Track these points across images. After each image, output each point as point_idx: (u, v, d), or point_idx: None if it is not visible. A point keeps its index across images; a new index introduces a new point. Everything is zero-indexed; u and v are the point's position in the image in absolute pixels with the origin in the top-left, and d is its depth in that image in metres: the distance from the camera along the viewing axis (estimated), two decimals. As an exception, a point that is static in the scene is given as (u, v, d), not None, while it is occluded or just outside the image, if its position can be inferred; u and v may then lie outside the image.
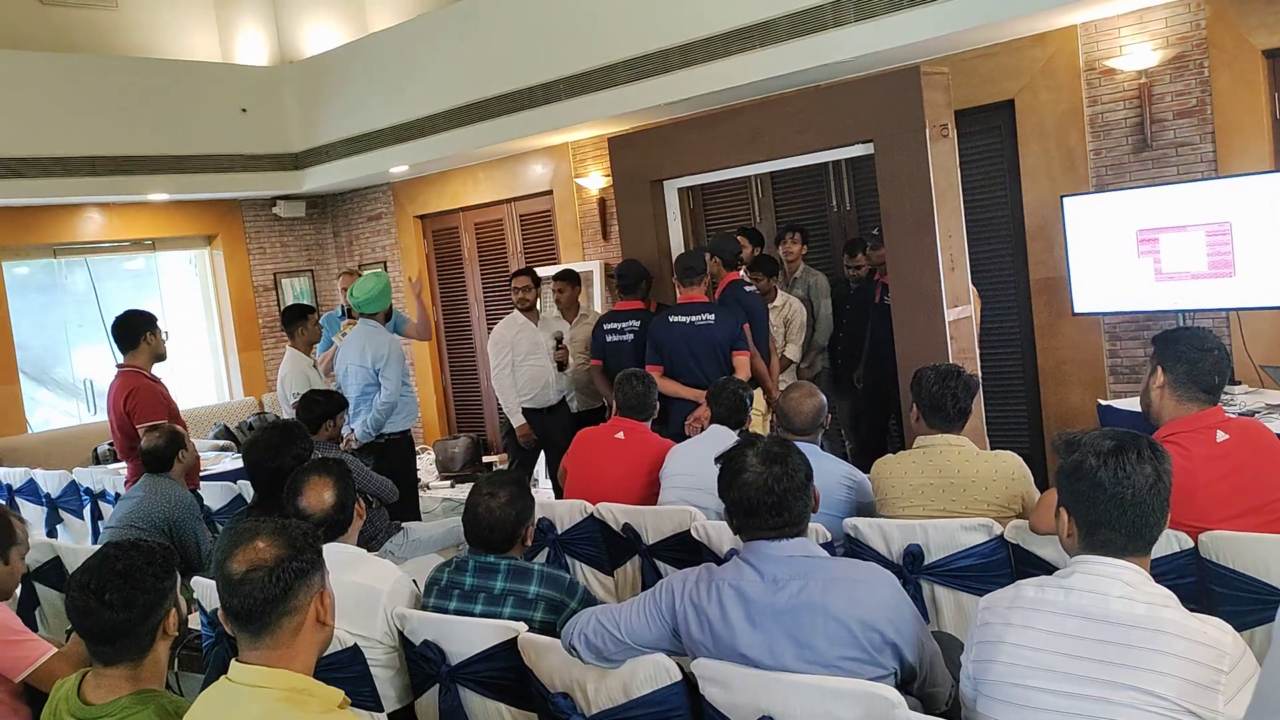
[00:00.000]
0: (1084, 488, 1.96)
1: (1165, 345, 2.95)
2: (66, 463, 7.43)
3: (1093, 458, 1.96)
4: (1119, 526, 1.93)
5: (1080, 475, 1.97)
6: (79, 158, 8.26)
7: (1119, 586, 1.89)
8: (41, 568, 4.28)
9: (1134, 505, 1.92)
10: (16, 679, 2.76)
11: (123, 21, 9.58)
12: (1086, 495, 1.95)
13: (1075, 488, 1.98)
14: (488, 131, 7.82)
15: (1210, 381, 2.88)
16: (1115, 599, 1.88)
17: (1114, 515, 1.93)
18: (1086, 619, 1.88)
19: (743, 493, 2.34)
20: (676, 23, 6.47)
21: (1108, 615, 1.86)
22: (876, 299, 6.16)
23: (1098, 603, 1.88)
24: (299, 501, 3.11)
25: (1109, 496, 1.93)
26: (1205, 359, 2.86)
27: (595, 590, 3.91)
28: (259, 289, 10.35)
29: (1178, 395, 2.89)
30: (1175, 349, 2.91)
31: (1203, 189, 5.05)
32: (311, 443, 4.02)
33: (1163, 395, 2.93)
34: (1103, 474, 1.93)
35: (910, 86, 4.96)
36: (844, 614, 2.19)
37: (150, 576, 2.13)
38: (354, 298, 5.84)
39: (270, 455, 3.74)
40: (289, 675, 1.89)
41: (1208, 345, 2.89)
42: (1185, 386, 2.88)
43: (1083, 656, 1.85)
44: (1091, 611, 1.88)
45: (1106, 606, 1.87)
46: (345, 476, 3.19)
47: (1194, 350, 2.87)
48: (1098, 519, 1.94)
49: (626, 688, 2.40)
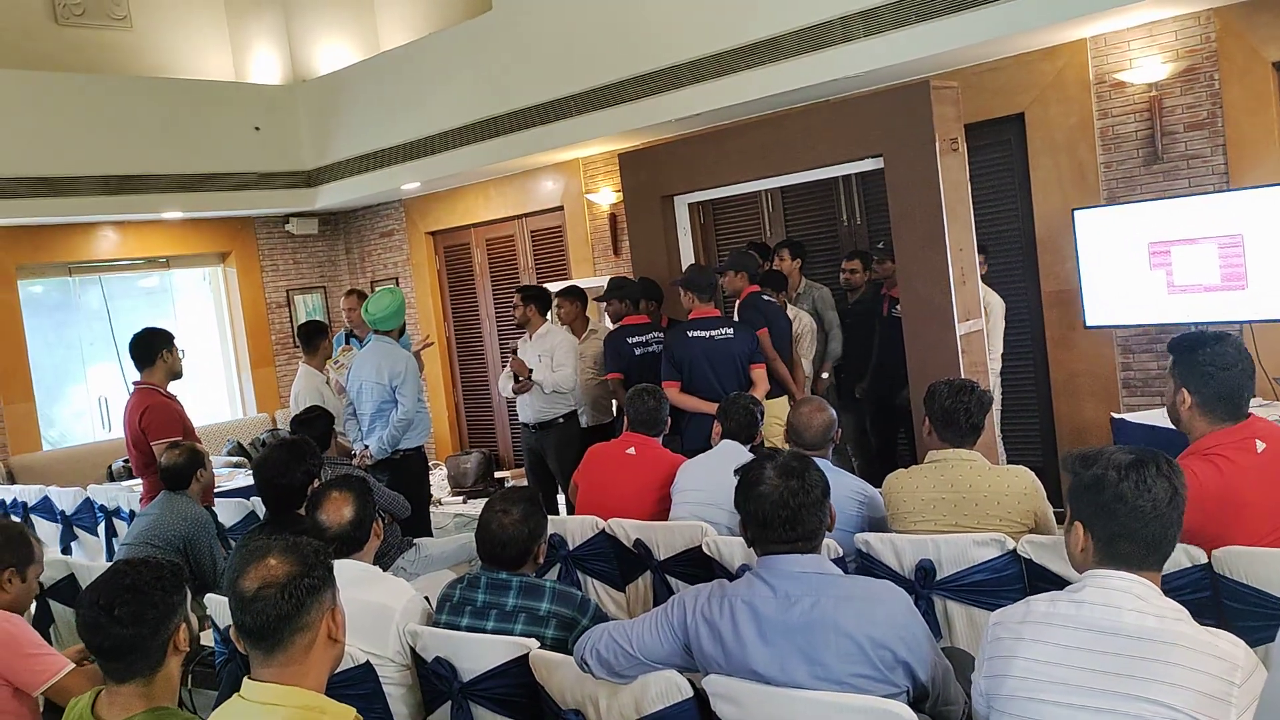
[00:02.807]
0: (1105, 500, 1.96)
1: (1186, 361, 2.86)
2: (81, 480, 7.47)
3: (1113, 472, 1.96)
4: (1139, 539, 1.94)
5: (1101, 489, 1.97)
6: (94, 177, 8.33)
7: (1131, 600, 1.89)
8: (56, 585, 4.29)
9: (1155, 518, 1.93)
10: (35, 693, 2.78)
11: (138, 41, 9.67)
12: (1107, 508, 1.95)
13: (1095, 500, 1.98)
14: (499, 148, 7.86)
15: (1239, 398, 2.80)
16: (1127, 612, 1.88)
17: (1135, 528, 1.93)
18: (1099, 632, 1.88)
19: (758, 505, 2.35)
20: (686, 39, 6.50)
21: (1120, 628, 1.86)
22: (884, 312, 6.16)
23: (1110, 616, 1.89)
24: (318, 515, 3.13)
25: (1130, 509, 1.93)
26: (1230, 377, 2.78)
27: (607, 606, 3.91)
28: (272, 306, 10.41)
29: (1209, 416, 2.82)
30: (1198, 369, 2.81)
31: (1214, 201, 5.03)
32: (321, 459, 4.04)
33: (1193, 416, 2.85)
34: (1124, 486, 1.94)
35: (920, 101, 4.96)
36: (856, 631, 2.19)
37: (159, 591, 2.15)
38: (369, 314, 5.83)
39: (281, 473, 3.77)
40: (301, 693, 1.89)
41: (1230, 360, 2.79)
42: (1214, 407, 2.80)
43: (1095, 669, 1.85)
44: (1104, 625, 1.88)
45: (1119, 619, 1.87)
46: (366, 494, 3.20)
47: (1218, 369, 2.78)
48: (1118, 532, 1.95)
49: (638, 704, 2.40)
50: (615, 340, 5.85)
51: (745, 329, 5.32)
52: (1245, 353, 2.85)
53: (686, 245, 6.31)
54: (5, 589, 3.04)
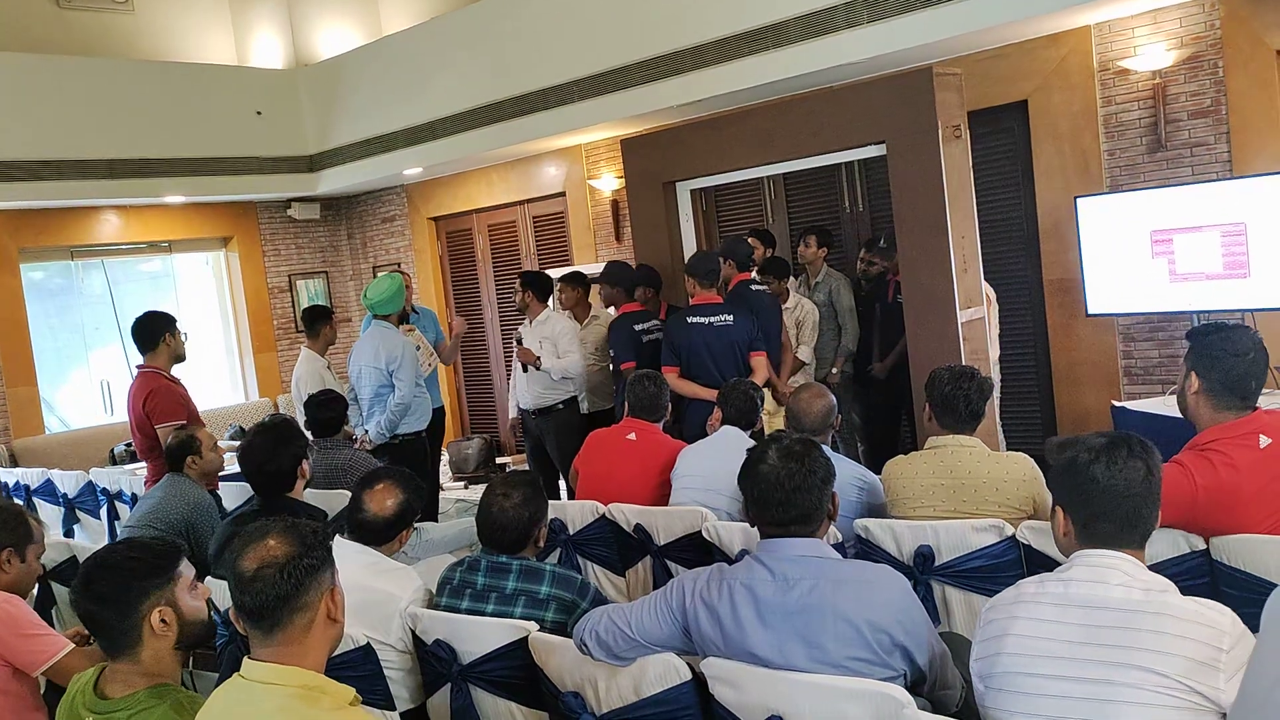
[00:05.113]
0: (1079, 482, 2.01)
1: (1198, 347, 2.84)
2: (84, 463, 7.48)
3: (1085, 453, 2.02)
4: (1113, 518, 1.99)
5: (1074, 471, 2.03)
6: (96, 160, 8.32)
7: (1118, 575, 1.94)
8: (58, 567, 4.31)
9: (1128, 498, 1.98)
10: (35, 673, 2.79)
11: (139, 25, 9.65)
12: (1081, 490, 2.01)
13: (1070, 483, 2.04)
14: (501, 134, 7.85)
15: (1246, 387, 2.78)
16: (1114, 587, 1.92)
17: (1109, 507, 1.98)
18: (1088, 607, 1.92)
19: (755, 483, 2.38)
20: (689, 25, 6.48)
21: (1108, 602, 1.90)
22: (889, 298, 6.16)
23: (1097, 591, 1.93)
24: (363, 493, 3.15)
25: (1103, 489, 1.98)
26: (1239, 364, 2.76)
27: (607, 591, 3.92)
28: (274, 290, 10.41)
29: (1213, 403, 2.80)
30: (1208, 353, 2.80)
31: (1217, 189, 5.02)
32: (306, 438, 3.94)
33: (1198, 402, 2.83)
34: (1096, 468, 1.99)
35: (923, 87, 4.95)
36: (853, 615, 2.20)
37: (129, 573, 2.17)
38: (367, 299, 5.84)
39: (269, 458, 3.69)
40: (301, 672, 1.90)
41: (1242, 348, 2.77)
42: (1220, 394, 2.78)
43: (1086, 642, 1.89)
44: (1092, 600, 1.92)
45: (1107, 594, 1.92)
46: (414, 499, 3.21)
47: (1227, 355, 2.77)
48: (1093, 512, 2.00)
49: (637, 686, 2.41)
50: (624, 329, 5.77)
51: (746, 315, 5.30)
52: (1261, 346, 2.82)
53: (689, 231, 6.30)
54: (5, 570, 3.05)
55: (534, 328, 6.17)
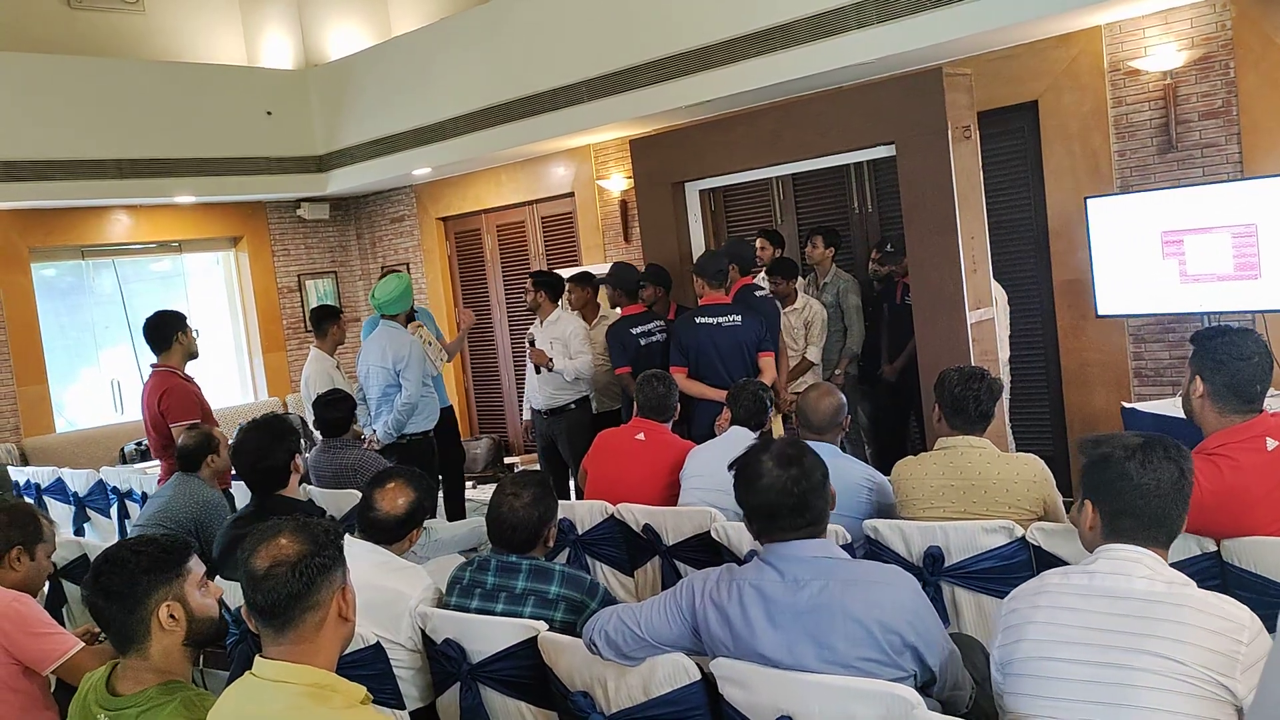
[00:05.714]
0: (1110, 477, 2.05)
1: (1202, 350, 2.83)
2: (94, 462, 7.51)
3: (1120, 450, 2.06)
4: (1142, 515, 2.02)
5: (1108, 466, 2.06)
6: (106, 160, 8.34)
7: (1141, 569, 1.97)
8: (69, 565, 4.32)
9: (1158, 497, 2.01)
10: (45, 671, 2.80)
11: (150, 26, 9.68)
12: (1113, 485, 2.04)
13: (1102, 478, 2.07)
14: (510, 134, 7.85)
15: (1251, 391, 2.77)
16: (1138, 579, 1.96)
17: (1138, 504, 2.02)
18: (1111, 597, 1.95)
19: (764, 497, 2.34)
20: (698, 25, 6.48)
21: (1131, 593, 1.94)
22: (898, 299, 6.15)
23: (1120, 583, 1.97)
24: (374, 491, 3.15)
25: (1135, 486, 2.02)
26: (1244, 368, 2.75)
27: (615, 591, 3.92)
28: (283, 290, 10.43)
29: (1218, 407, 2.79)
30: (1213, 357, 2.79)
31: (1228, 190, 5.00)
32: (298, 433, 3.89)
33: (1204, 405, 2.83)
34: (1130, 465, 2.03)
35: (932, 88, 4.94)
36: (863, 615, 2.19)
37: (136, 568, 2.17)
38: (375, 299, 5.86)
39: (263, 455, 3.64)
40: (312, 671, 1.91)
41: (1246, 352, 2.77)
42: (1225, 398, 2.78)
43: (1107, 629, 1.92)
44: (1115, 591, 1.96)
45: (1130, 586, 1.95)
46: (425, 499, 3.22)
47: (1232, 359, 2.76)
48: (1122, 507, 2.03)
49: (646, 686, 2.41)
50: (620, 334, 5.78)
51: (754, 316, 5.30)
52: (1266, 350, 2.81)
53: (697, 232, 6.30)
54: (14, 568, 3.07)
55: (545, 328, 6.18)
